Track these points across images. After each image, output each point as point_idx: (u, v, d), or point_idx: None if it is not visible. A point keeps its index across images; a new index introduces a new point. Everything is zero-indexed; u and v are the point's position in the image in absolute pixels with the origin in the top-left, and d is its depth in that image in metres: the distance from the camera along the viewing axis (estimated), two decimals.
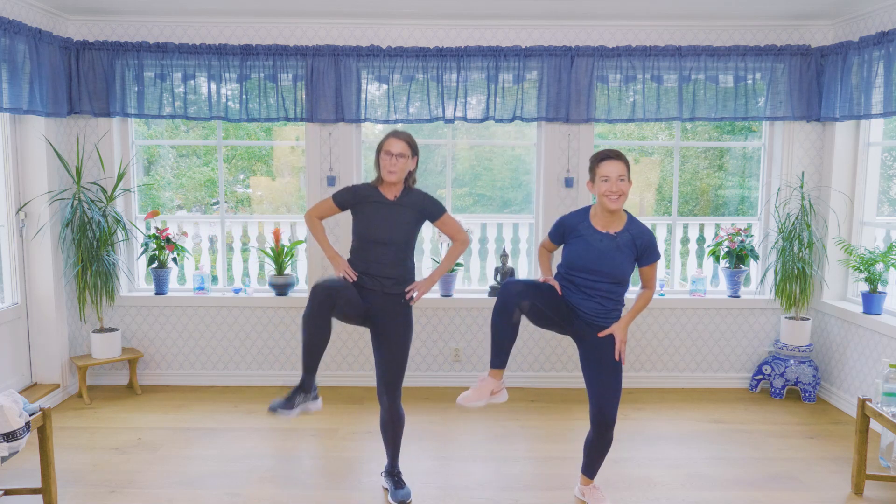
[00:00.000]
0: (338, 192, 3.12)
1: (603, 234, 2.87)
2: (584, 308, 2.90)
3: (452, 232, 3.16)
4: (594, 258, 2.84)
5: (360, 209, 3.06)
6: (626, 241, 2.86)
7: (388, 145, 2.97)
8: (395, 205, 3.03)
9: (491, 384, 2.86)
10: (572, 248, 2.92)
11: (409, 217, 3.04)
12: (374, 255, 3.00)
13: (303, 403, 2.82)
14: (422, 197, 3.09)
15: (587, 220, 2.91)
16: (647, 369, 4.86)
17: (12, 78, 3.80)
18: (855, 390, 4.31)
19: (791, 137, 4.65)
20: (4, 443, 2.70)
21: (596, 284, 2.86)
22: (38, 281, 4.36)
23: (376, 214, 3.02)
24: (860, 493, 3.23)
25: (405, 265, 3.05)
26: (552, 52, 4.47)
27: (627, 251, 2.85)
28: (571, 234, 2.93)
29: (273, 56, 4.47)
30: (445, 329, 4.81)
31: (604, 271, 2.84)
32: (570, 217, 2.98)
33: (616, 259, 2.84)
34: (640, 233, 2.88)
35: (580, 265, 2.87)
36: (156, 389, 4.72)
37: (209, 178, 7.44)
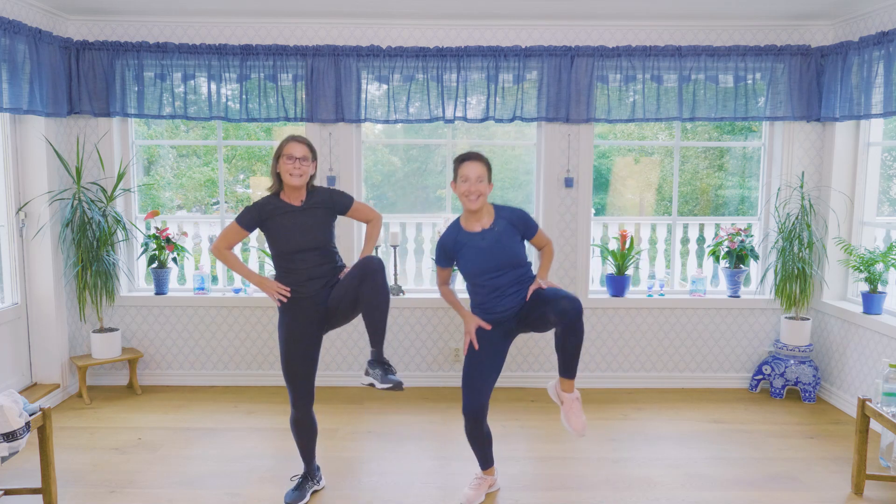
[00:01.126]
0: (240, 216, 2.98)
1: (482, 232, 2.94)
2: (509, 305, 2.96)
3: (366, 215, 3.18)
4: (486, 257, 2.92)
5: (270, 224, 2.96)
6: (504, 227, 2.95)
7: (290, 149, 2.90)
8: (304, 209, 2.97)
9: (489, 481, 3.20)
10: (464, 260, 2.97)
11: (320, 217, 3.00)
12: (300, 263, 2.96)
13: (312, 488, 3.22)
14: (327, 193, 3.06)
15: (461, 229, 2.98)
16: (647, 369, 4.86)
17: (12, 78, 3.80)
18: (855, 390, 4.31)
19: (791, 137, 4.65)
20: (4, 443, 2.70)
21: (502, 278, 2.93)
22: (38, 281, 4.36)
23: (288, 225, 2.94)
24: (860, 493, 3.23)
25: (332, 259, 3.04)
26: (552, 52, 4.47)
27: (511, 234, 2.94)
28: (455, 248, 2.99)
29: (273, 56, 4.47)
30: (445, 329, 4.81)
31: (500, 263, 2.91)
32: (446, 235, 3.03)
33: (506, 246, 2.92)
34: (511, 213, 2.99)
35: (478, 270, 2.94)
36: (156, 389, 4.72)
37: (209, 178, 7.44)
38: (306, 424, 3.12)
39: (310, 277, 2.97)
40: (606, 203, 7.38)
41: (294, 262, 2.96)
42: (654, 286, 4.98)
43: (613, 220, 5.32)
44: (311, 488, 3.20)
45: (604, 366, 4.85)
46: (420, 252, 5.10)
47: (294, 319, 3.00)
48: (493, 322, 3.00)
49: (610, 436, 3.93)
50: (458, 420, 4.15)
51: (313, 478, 3.23)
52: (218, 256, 3.04)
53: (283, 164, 2.91)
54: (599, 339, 4.81)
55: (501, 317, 2.99)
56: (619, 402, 4.53)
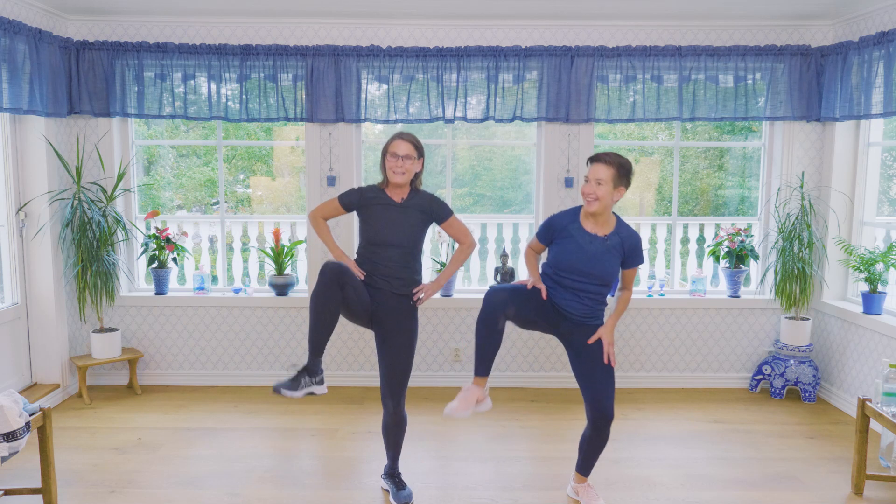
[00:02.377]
0: (344, 194, 3.09)
1: (593, 237, 2.88)
2: (571, 309, 2.90)
3: (459, 235, 3.15)
4: (584, 260, 2.85)
5: (366, 212, 3.03)
6: (616, 244, 2.88)
7: (394, 147, 2.96)
8: (401, 207, 3.01)
9: (476, 392, 2.86)
10: (561, 248, 2.91)
11: (415, 219, 3.02)
12: (382, 257, 2.99)
13: (308, 386, 2.81)
14: (429, 199, 3.07)
15: (577, 221, 2.92)
16: (647, 369, 4.86)
17: (12, 78, 3.80)
18: (855, 390, 4.31)
19: (791, 137, 4.65)
20: (4, 443, 2.70)
21: (584, 286, 2.87)
22: (38, 281, 4.36)
23: (383, 217, 2.99)
24: (860, 493, 3.23)
25: (412, 267, 3.04)
26: (552, 52, 4.47)
27: (616, 254, 2.88)
28: (561, 234, 2.93)
29: (273, 56, 4.47)
30: (445, 329, 4.81)
31: (593, 273, 2.85)
32: (559, 217, 2.97)
33: (606, 262, 2.85)
34: (629, 236, 2.92)
35: (569, 266, 2.87)
36: (156, 389, 4.72)
37: (209, 178, 7.44)
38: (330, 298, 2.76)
39: (385, 275, 2.98)
40: None
41: (375, 254, 2.99)
42: (654, 286, 4.98)
43: None
44: (306, 385, 2.81)
45: None
46: None
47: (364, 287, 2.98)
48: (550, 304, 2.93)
49: (610, 436, 3.92)
50: (457, 420, 4.15)
51: (313, 374, 2.83)
52: (312, 223, 3.15)
53: (387, 161, 2.98)
54: None
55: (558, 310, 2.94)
56: (619, 402, 4.52)
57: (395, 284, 2.99)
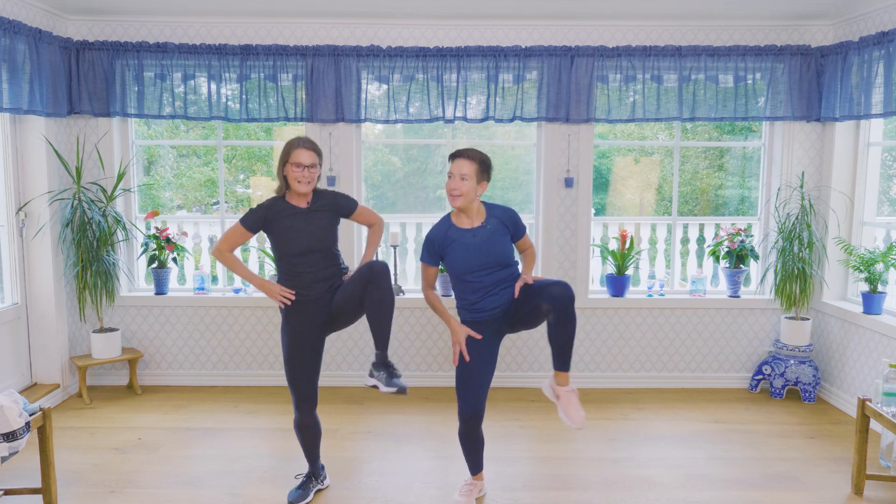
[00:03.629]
0: (244, 217, 2.97)
1: (473, 230, 2.94)
2: (497, 304, 2.95)
3: (369, 219, 3.19)
4: (477, 254, 2.91)
5: (275, 226, 2.94)
6: (496, 226, 2.95)
7: (298, 156, 2.88)
8: (310, 212, 2.97)
9: (479, 486, 3.18)
10: (453, 257, 2.95)
11: (326, 220, 3.00)
12: (304, 265, 2.95)
13: (316, 486, 3.22)
14: (332, 196, 3.05)
15: (452, 225, 2.97)
16: (647, 369, 4.86)
17: (12, 78, 3.80)
18: (855, 390, 4.31)
19: (791, 137, 4.65)
20: (4, 443, 2.70)
21: (490, 277, 2.92)
22: (38, 281, 4.36)
23: (295, 227, 2.93)
24: (860, 493, 3.23)
25: (335, 262, 3.04)
26: (552, 52, 4.47)
27: (501, 233, 2.94)
28: (444, 244, 2.97)
29: (273, 56, 4.47)
30: (445, 329, 4.80)
31: (490, 262, 2.91)
32: (434, 231, 3.01)
33: (497, 245, 2.92)
34: (503, 212, 3.00)
35: (467, 267, 2.92)
36: (156, 389, 4.72)
37: (209, 178, 7.44)
38: (310, 427, 3.13)
39: (314, 280, 2.96)
40: (606, 203, 7.38)
41: (298, 265, 2.95)
42: (654, 286, 4.98)
43: (613, 220, 5.32)
44: (314, 487, 3.21)
45: (604, 366, 4.85)
46: (420, 252, 5.09)
47: (297, 323, 2.99)
48: (482, 322, 2.97)
49: (610, 436, 3.93)
50: (457, 420, 4.14)
51: (318, 477, 3.23)
52: (219, 258, 3.02)
53: (290, 171, 2.90)
54: (599, 339, 4.81)
55: (490, 315, 2.97)
56: (619, 402, 4.53)
57: (325, 286, 2.99)
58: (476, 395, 2.95)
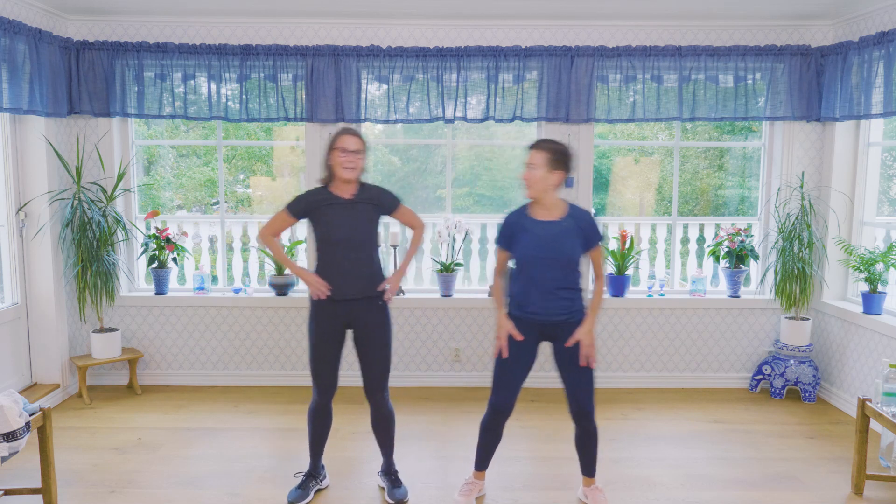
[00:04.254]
0: (290, 203, 3.03)
1: (546, 222, 2.92)
2: (549, 310, 2.93)
3: (410, 220, 3.19)
4: (543, 246, 2.89)
5: (317, 215, 2.99)
6: (571, 225, 2.93)
7: (343, 142, 2.93)
8: (353, 203, 2.99)
9: (479, 485, 3.19)
10: (521, 244, 2.95)
11: (368, 213, 3.01)
12: (342, 258, 2.97)
13: (316, 486, 3.21)
14: (377, 191, 3.07)
15: (527, 214, 2.98)
16: (646, 369, 4.86)
17: (12, 78, 3.80)
18: (855, 390, 4.31)
19: (791, 137, 4.65)
20: (4, 443, 2.70)
21: (551, 273, 2.90)
22: (38, 281, 4.36)
23: (336, 216, 2.96)
24: (860, 493, 3.23)
25: (374, 263, 3.05)
26: (552, 52, 4.47)
27: (574, 234, 2.92)
28: (516, 229, 2.97)
29: (273, 56, 4.47)
30: (445, 329, 4.81)
31: (553, 256, 2.89)
32: (511, 215, 3.03)
33: (565, 242, 2.90)
34: (582, 214, 2.97)
35: (531, 256, 2.91)
36: (156, 389, 4.72)
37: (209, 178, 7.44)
38: (323, 413, 3.14)
39: (350, 275, 2.97)
40: (606, 203, 7.38)
41: (336, 255, 2.97)
42: (654, 286, 4.98)
43: (613, 220, 5.32)
44: (314, 487, 3.20)
45: (604, 366, 4.85)
46: (420, 252, 5.10)
47: (326, 319, 3.02)
48: (527, 324, 2.97)
49: (610, 436, 3.93)
50: (458, 420, 4.15)
51: (317, 476, 3.23)
52: (264, 242, 3.09)
53: (336, 157, 2.94)
54: (599, 339, 4.81)
55: (532, 319, 2.95)
56: (619, 402, 4.53)
57: (361, 286, 3.00)
58: (507, 391, 3.01)
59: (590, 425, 3.01)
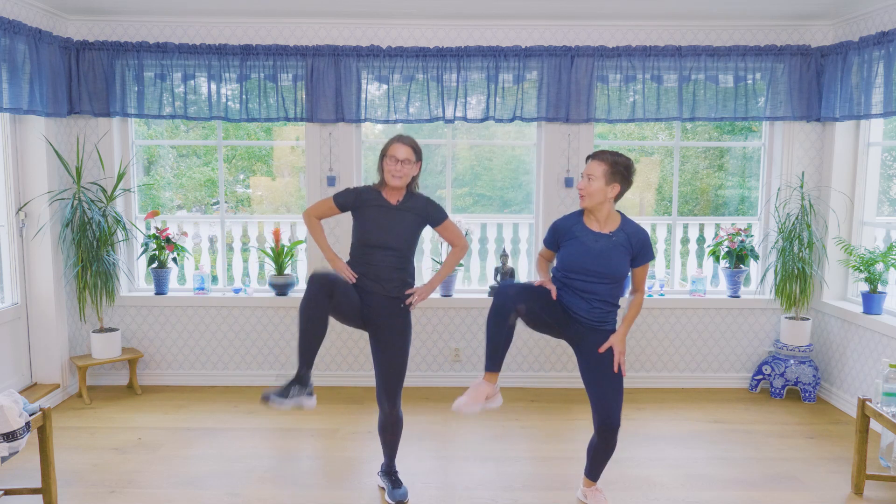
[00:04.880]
0: (339, 193, 3.08)
1: (598, 234, 2.87)
2: (581, 312, 2.89)
3: (453, 238, 3.15)
4: (591, 258, 2.84)
5: (361, 212, 3.02)
6: (622, 241, 2.86)
7: (394, 150, 2.95)
8: (397, 209, 3.00)
9: (486, 388, 2.78)
10: (568, 250, 2.91)
11: (411, 222, 3.01)
12: (375, 258, 2.97)
13: (297, 396, 2.71)
14: (424, 202, 3.06)
15: (581, 221, 2.93)
16: (647, 369, 4.86)
17: (12, 78, 3.80)
18: (855, 390, 4.31)
19: (791, 137, 4.65)
20: (4, 443, 2.70)
21: (593, 286, 2.86)
22: (38, 281, 4.36)
23: (378, 219, 2.98)
24: (860, 493, 3.23)
25: (406, 269, 3.03)
26: (552, 52, 4.47)
27: (623, 250, 2.86)
28: (566, 236, 2.93)
29: (273, 56, 4.47)
30: (445, 329, 4.81)
31: (601, 271, 2.84)
32: (563, 220, 2.99)
33: (613, 258, 2.84)
34: (635, 231, 2.89)
35: (577, 266, 2.86)
36: (156, 389, 4.72)
37: (209, 178, 7.44)
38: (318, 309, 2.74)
39: (378, 277, 2.97)
40: None
41: (370, 256, 2.98)
42: (654, 286, 4.98)
43: None
44: (296, 395, 2.70)
45: None
46: (420, 252, 5.09)
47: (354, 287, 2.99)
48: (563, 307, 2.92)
49: None
50: (458, 420, 4.15)
51: (304, 384, 2.73)
52: (306, 221, 3.13)
53: (385, 164, 2.96)
54: None
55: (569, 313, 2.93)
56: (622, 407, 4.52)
57: (387, 287, 2.99)
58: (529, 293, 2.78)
59: (612, 439, 2.92)
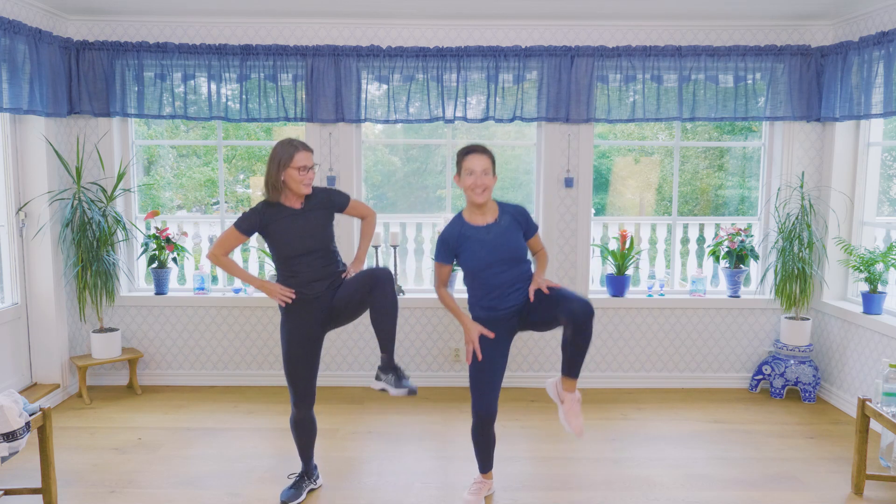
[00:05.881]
0: (240, 220, 2.94)
1: (487, 227, 2.93)
2: (512, 303, 2.94)
3: (362, 212, 3.20)
4: (492, 250, 2.90)
5: (272, 228, 2.93)
6: (509, 222, 2.95)
7: (302, 160, 2.87)
8: (305, 212, 2.96)
9: (487, 485, 3.19)
10: (468, 254, 2.94)
11: (322, 219, 3.00)
12: (303, 266, 2.95)
13: (309, 486, 3.23)
14: (325, 193, 3.05)
15: (465, 223, 2.97)
16: (647, 369, 4.86)
17: (12, 78, 3.80)
18: (855, 390, 4.31)
19: (791, 137, 4.65)
20: (4, 443, 2.70)
21: (506, 274, 2.92)
22: (38, 281, 4.36)
23: (292, 228, 2.92)
24: (860, 493, 3.23)
25: (334, 261, 3.04)
26: (552, 52, 4.47)
27: (515, 229, 2.95)
28: (459, 243, 2.95)
29: (273, 56, 4.47)
30: (445, 329, 4.81)
31: (505, 257, 2.91)
32: (447, 231, 3.00)
33: (510, 240, 2.92)
34: (515, 209, 3.01)
35: (483, 264, 2.91)
36: (156, 389, 4.72)
37: (209, 178, 7.44)
38: (306, 425, 3.14)
39: (313, 279, 2.97)
40: (606, 203, 7.38)
41: (297, 265, 2.95)
42: (654, 286, 4.98)
43: (613, 220, 5.32)
44: (307, 487, 3.21)
45: (604, 366, 4.85)
46: (420, 252, 5.10)
47: (297, 321, 2.99)
48: (496, 320, 2.97)
49: (610, 436, 3.93)
50: (458, 420, 4.15)
51: (311, 477, 3.24)
52: (216, 263, 3.01)
53: (292, 175, 2.87)
54: (599, 339, 4.81)
55: (504, 314, 2.96)
56: (619, 402, 4.53)
57: (324, 283, 2.99)
58: (490, 394, 2.97)
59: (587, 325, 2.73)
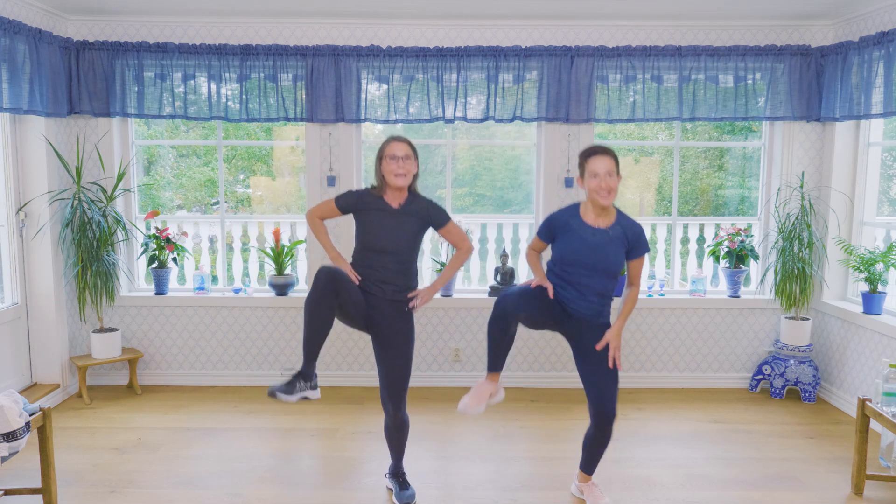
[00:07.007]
0: (341, 196, 3.07)
1: (595, 229, 2.89)
2: (577, 307, 2.90)
3: (457, 240, 3.13)
4: (588, 252, 2.86)
5: (362, 216, 3.00)
6: (618, 235, 2.89)
7: (392, 149, 2.93)
8: (399, 213, 2.98)
9: (489, 387, 2.90)
10: (565, 243, 2.91)
11: (413, 226, 2.99)
12: (377, 262, 2.96)
13: (302, 391, 2.81)
14: (426, 204, 3.04)
15: (578, 215, 2.93)
16: (647, 369, 4.86)
17: (12, 78, 3.80)
18: (855, 390, 4.31)
19: (791, 137, 4.65)
20: (4, 443, 2.70)
21: (589, 279, 2.87)
22: (38, 281, 4.36)
23: (380, 223, 2.96)
24: (860, 493, 3.23)
25: (409, 273, 3.02)
26: (552, 52, 4.47)
27: (619, 244, 2.89)
28: (562, 230, 2.93)
29: (273, 56, 4.47)
30: (445, 329, 4.81)
31: (598, 265, 2.86)
32: (560, 214, 2.98)
33: (610, 252, 2.86)
34: (631, 225, 2.92)
35: (574, 260, 2.88)
36: (156, 389, 4.72)
37: (209, 178, 7.44)
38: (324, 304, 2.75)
39: (380, 280, 2.96)
40: None
41: (372, 260, 2.97)
42: (654, 286, 4.98)
43: None
44: (301, 390, 2.80)
45: None
46: (420, 252, 5.09)
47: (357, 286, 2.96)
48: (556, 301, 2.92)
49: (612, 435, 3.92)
50: (458, 420, 4.15)
51: (308, 379, 2.82)
52: (309, 222, 3.14)
53: (386, 165, 2.93)
54: None
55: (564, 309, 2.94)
56: (619, 402, 4.51)
57: (389, 291, 2.98)
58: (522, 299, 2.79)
59: (608, 430, 2.94)
